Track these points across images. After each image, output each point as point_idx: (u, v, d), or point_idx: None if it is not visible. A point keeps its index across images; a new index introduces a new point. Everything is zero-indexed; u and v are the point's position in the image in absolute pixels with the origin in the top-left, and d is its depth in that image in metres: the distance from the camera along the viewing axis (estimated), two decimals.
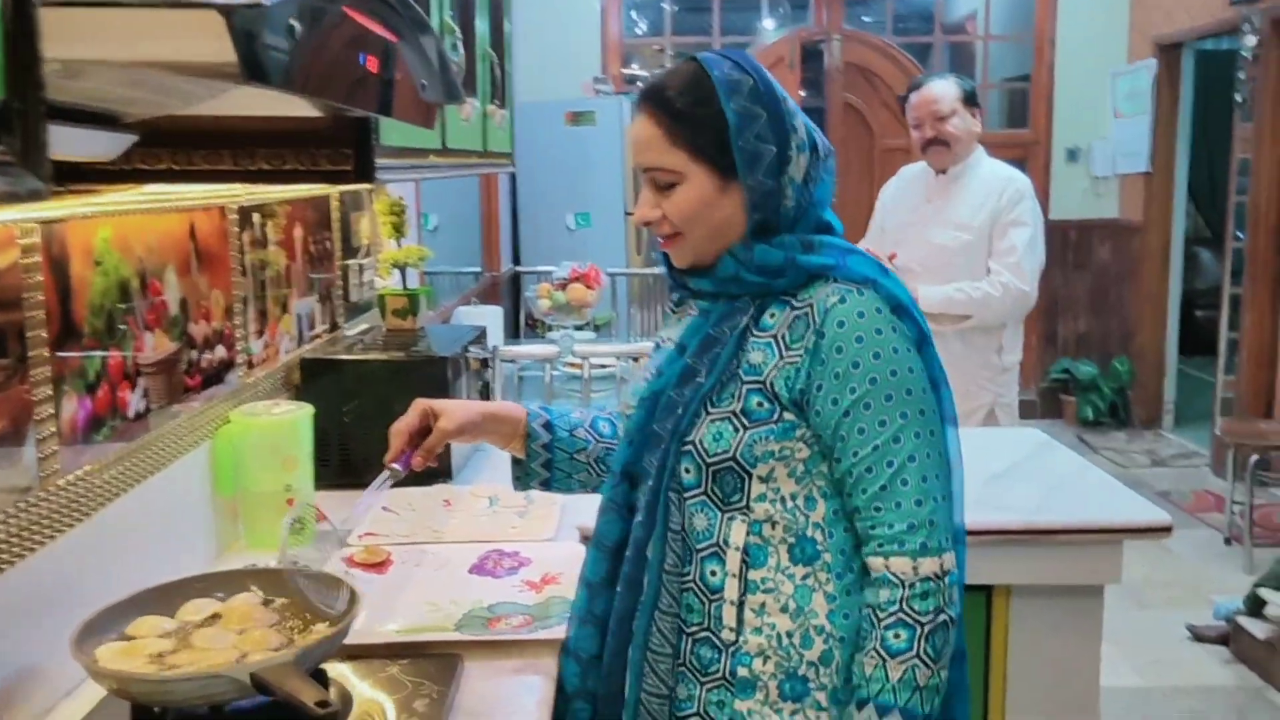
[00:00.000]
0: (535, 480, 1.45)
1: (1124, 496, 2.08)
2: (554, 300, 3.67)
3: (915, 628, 1.18)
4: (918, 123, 3.10)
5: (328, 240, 2.33)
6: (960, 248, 3.05)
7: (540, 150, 5.33)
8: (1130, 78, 6.15)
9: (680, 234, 1.26)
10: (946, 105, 3.05)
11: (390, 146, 1.43)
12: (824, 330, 1.21)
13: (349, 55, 0.86)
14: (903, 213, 3.20)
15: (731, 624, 1.24)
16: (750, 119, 1.22)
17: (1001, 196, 3.03)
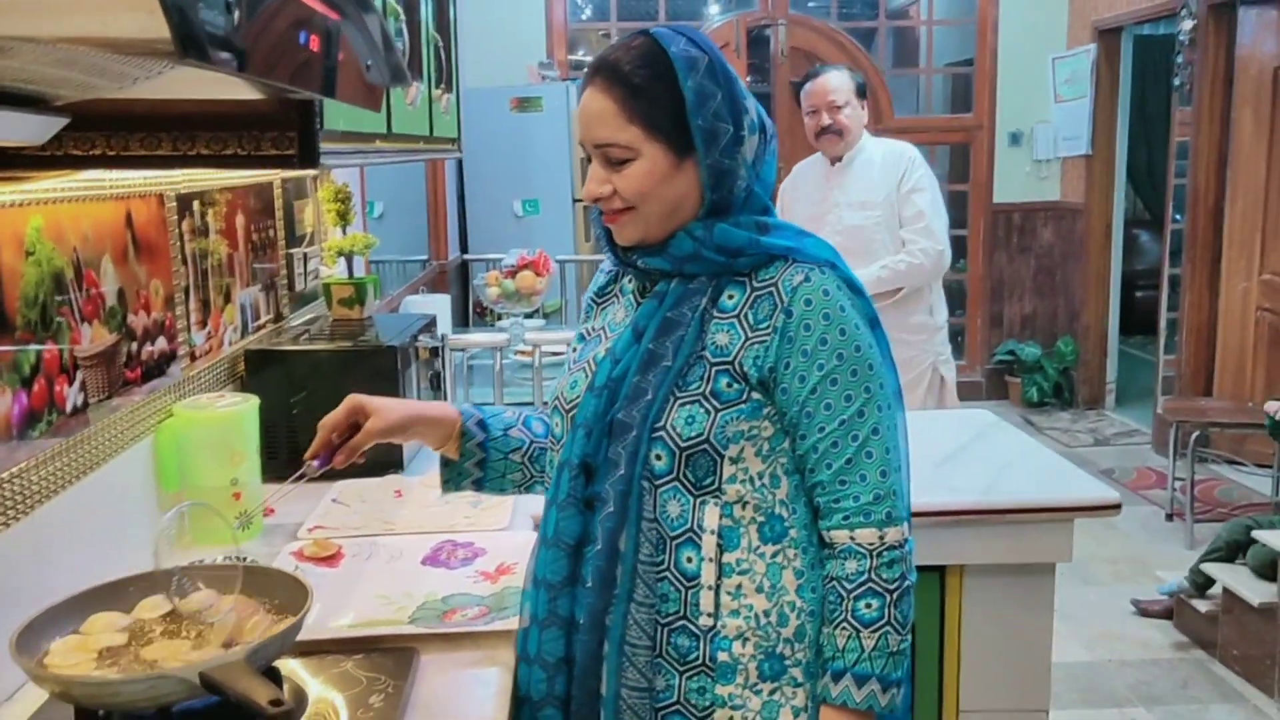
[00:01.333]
0: (467, 480, 1.43)
1: (1073, 476, 2.11)
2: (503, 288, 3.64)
3: (885, 595, 1.20)
4: (813, 109, 3.27)
5: (271, 228, 2.28)
6: (874, 225, 3.24)
7: (486, 137, 5.27)
8: (1070, 62, 6.24)
9: (631, 209, 1.24)
10: (841, 96, 3.23)
11: (335, 131, 1.39)
12: (791, 309, 1.22)
13: (290, 34, 0.83)
14: (807, 205, 3.32)
15: (709, 609, 1.22)
16: (707, 97, 1.21)
17: (896, 169, 3.25)
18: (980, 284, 6.73)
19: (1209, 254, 5.26)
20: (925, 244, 3.22)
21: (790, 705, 1.24)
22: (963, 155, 6.81)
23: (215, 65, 0.69)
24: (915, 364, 3.31)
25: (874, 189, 3.26)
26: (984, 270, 6.68)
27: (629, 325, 1.28)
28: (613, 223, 1.27)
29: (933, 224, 3.23)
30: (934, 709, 2.03)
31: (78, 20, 0.64)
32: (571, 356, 1.40)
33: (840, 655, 1.21)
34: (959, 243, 6.90)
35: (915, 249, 3.22)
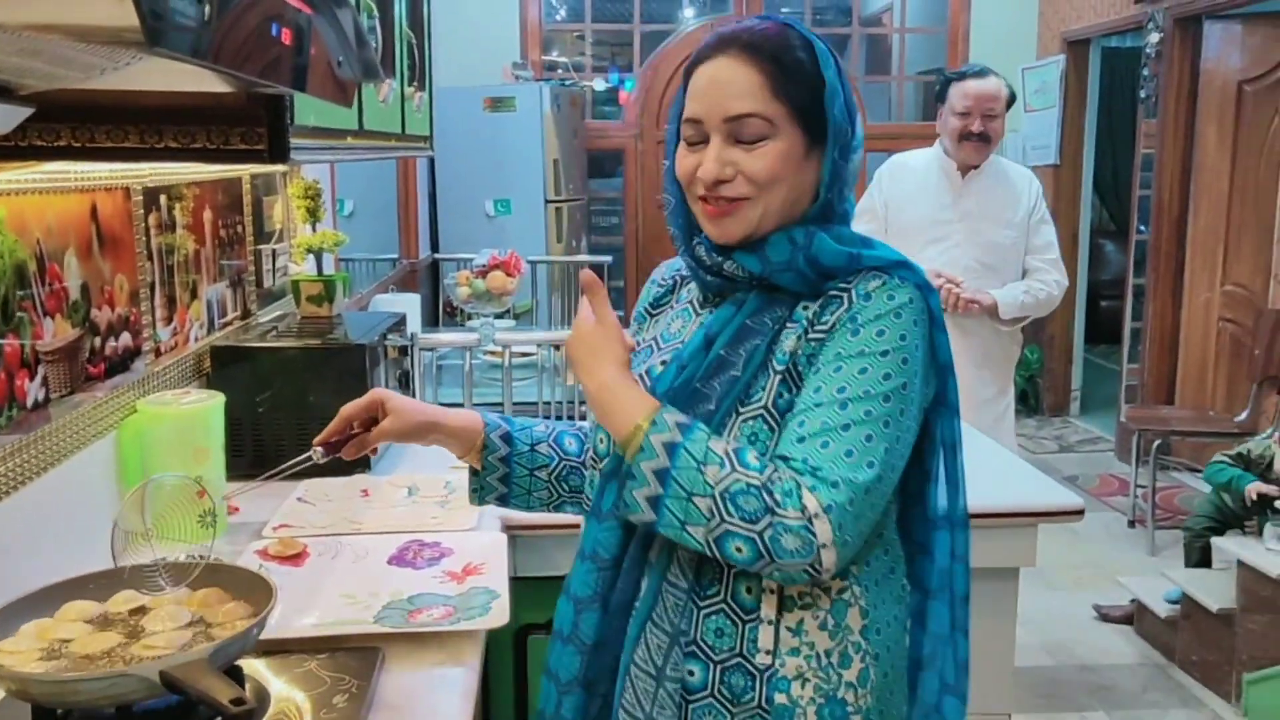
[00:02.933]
0: (491, 495, 1.35)
1: (1038, 481, 2.12)
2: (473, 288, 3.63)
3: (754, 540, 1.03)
4: (967, 112, 2.99)
5: (239, 224, 2.26)
6: (1011, 245, 3.08)
7: (459, 136, 5.25)
8: (1040, 72, 6.30)
9: (749, 199, 1.13)
10: (1000, 105, 3.01)
11: (305, 126, 1.38)
12: (854, 305, 1.11)
13: (262, 27, 0.82)
14: (928, 209, 3.09)
15: (768, 646, 1.11)
16: (837, 92, 1.15)
17: (1029, 193, 3.10)
18: None
19: (1172, 265, 5.33)
20: (1058, 276, 3.12)
21: None
22: None
23: (184, 56, 0.68)
24: (1006, 391, 3.21)
25: (1012, 208, 3.09)
26: None
27: (700, 329, 1.18)
28: (722, 214, 1.14)
29: (1060, 258, 3.14)
30: None
31: (46, 7, 0.63)
32: None
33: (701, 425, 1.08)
34: None
35: (1050, 279, 3.10)
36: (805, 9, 6.80)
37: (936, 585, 1.20)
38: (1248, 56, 4.86)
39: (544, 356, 3.04)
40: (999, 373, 3.16)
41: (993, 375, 3.12)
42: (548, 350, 3.05)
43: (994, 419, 3.07)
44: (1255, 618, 3.08)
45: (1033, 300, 3.07)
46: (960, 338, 2.90)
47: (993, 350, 3.11)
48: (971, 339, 3.02)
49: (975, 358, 3.01)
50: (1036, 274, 3.09)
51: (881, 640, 1.15)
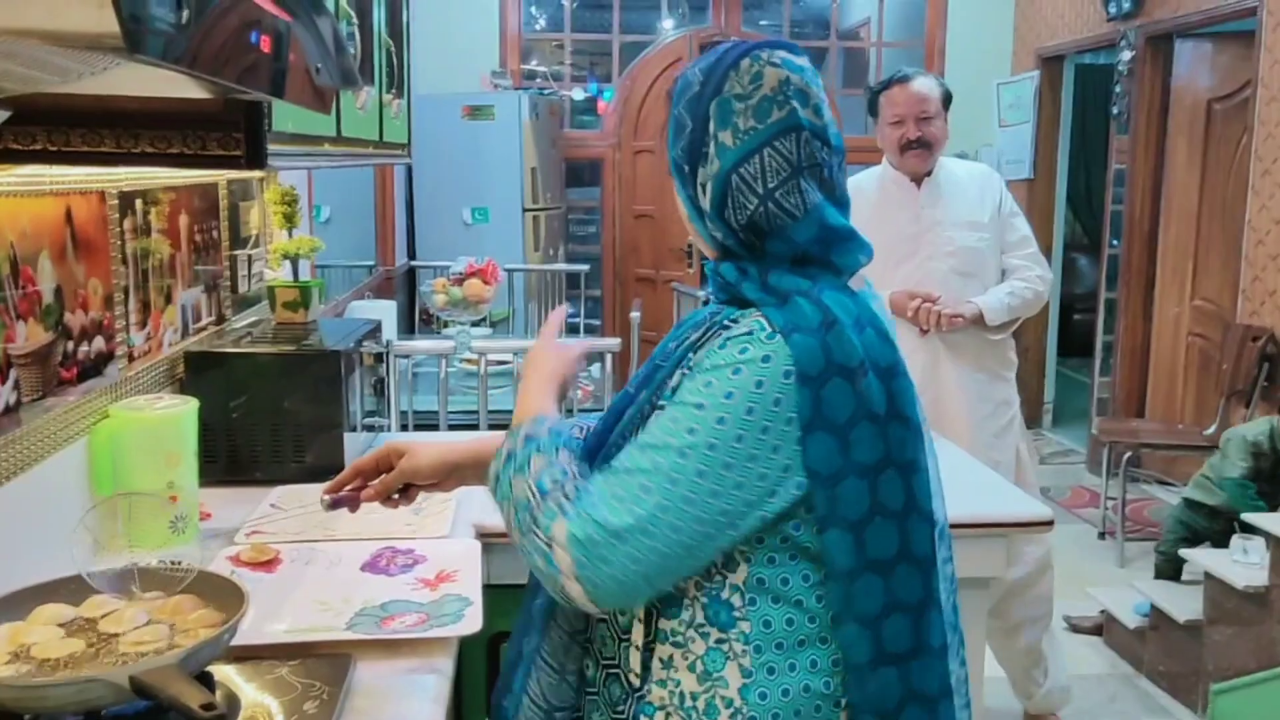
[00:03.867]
0: None
1: (1009, 493, 2.14)
2: (450, 295, 3.63)
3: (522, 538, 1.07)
4: (898, 119, 2.82)
5: (215, 229, 2.26)
6: (986, 248, 2.91)
7: (437, 144, 5.26)
8: (1014, 88, 6.37)
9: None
10: (932, 106, 2.84)
11: (283, 132, 1.39)
12: (709, 351, 1.08)
13: (241, 33, 0.83)
14: (899, 224, 2.89)
15: (636, 669, 1.13)
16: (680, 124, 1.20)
17: (992, 189, 2.95)
18: None
19: (1143, 279, 5.40)
20: (1040, 271, 2.94)
21: None
22: None
23: (163, 63, 0.69)
24: (1010, 402, 3.01)
25: (978, 208, 2.90)
26: None
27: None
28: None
29: (1038, 251, 2.99)
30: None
31: (25, 11, 0.63)
32: None
33: None
34: None
35: (1032, 276, 2.92)
36: (783, 22, 6.85)
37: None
38: (1217, 75, 4.93)
39: (520, 365, 3.05)
40: (998, 384, 2.99)
41: (992, 388, 2.95)
42: (523, 358, 3.05)
43: (998, 431, 2.94)
44: (1222, 629, 3.12)
45: (1019, 301, 2.89)
46: (951, 356, 2.88)
47: (987, 362, 2.96)
48: (962, 354, 2.91)
49: (969, 373, 2.91)
50: (1017, 272, 2.93)
51: (767, 707, 1.08)
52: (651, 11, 7.17)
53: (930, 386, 2.76)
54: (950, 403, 2.86)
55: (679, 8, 7.52)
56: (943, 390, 2.86)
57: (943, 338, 2.84)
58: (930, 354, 2.87)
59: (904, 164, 2.88)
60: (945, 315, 2.81)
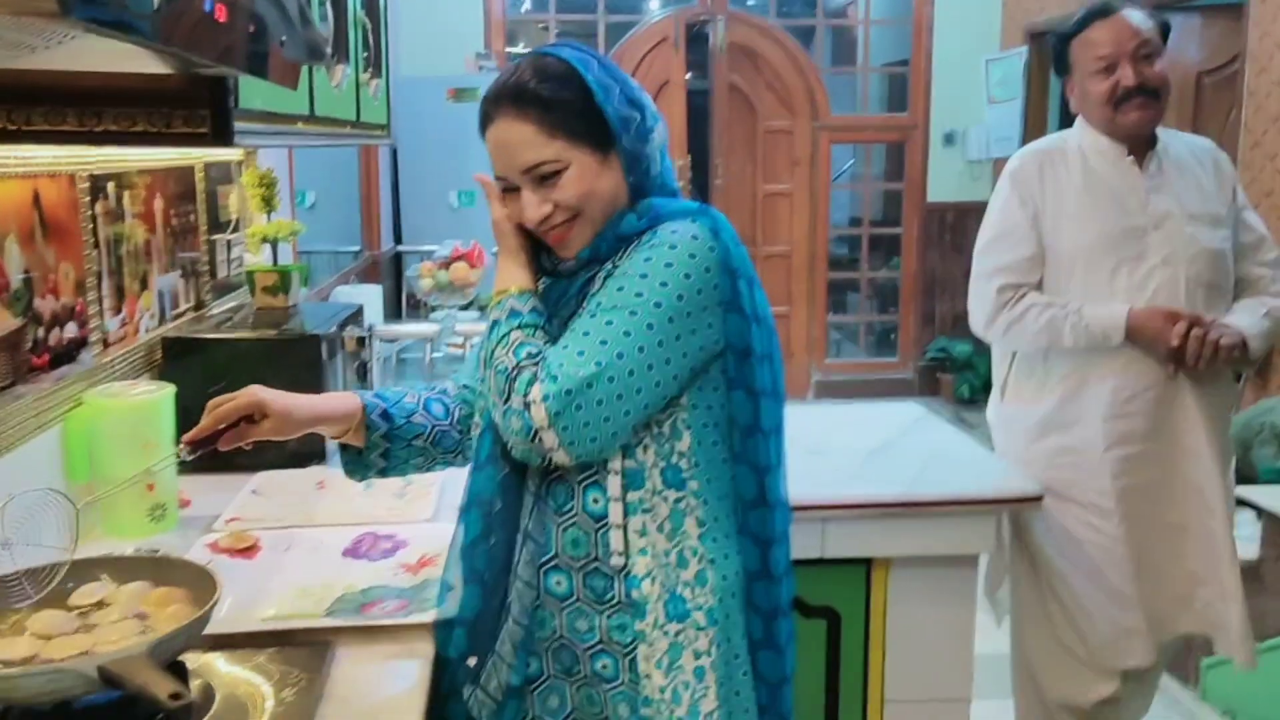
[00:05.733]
0: (373, 471, 1.44)
1: (998, 469, 2.13)
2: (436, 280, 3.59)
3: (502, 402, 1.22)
4: (1109, 63, 2.10)
5: (192, 214, 2.22)
6: (1229, 250, 2.18)
7: (422, 127, 5.21)
8: (1003, 64, 6.34)
9: (576, 216, 1.27)
10: (1154, 41, 2.14)
11: (251, 110, 1.36)
12: (644, 238, 1.27)
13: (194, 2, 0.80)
14: (1119, 213, 2.12)
15: (619, 548, 1.26)
16: (609, 88, 1.28)
17: (1223, 174, 2.23)
18: (913, 282, 6.81)
19: None
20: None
21: (693, 649, 1.28)
22: (898, 154, 6.89)
23: (103, 28, 0.66)
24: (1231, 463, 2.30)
25: (1214, 197, 2.18)
26: (917, 268, 6.77)
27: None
28: (562, 239, 1.29)
29: None
30: (859, 698, 2.05)
31: None
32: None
33: None
34: (893, 241, 7.00)
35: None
36: (770, 1, 6.81)
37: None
38: (1206, 49, 4.90)
39: None
40: (1226, 437, 2.25)
41: (1223, 442, 2.20)
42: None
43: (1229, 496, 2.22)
44: None
45: (1276, 326, 2.15)
46: (1196, 399, 2.10)
47: (1219, 411, 2.18)
48: (1210, 398, 2.13)
49: (1215, 422, 2.15)
50: (1258, 284, 2.20)
51: (719, 548, 1.30)
52: None
53: (1165, 437, 2.12)
54: (1192, 462, 2.13)
55: None
56: (1182, 441, 2.12)
57: (1190, 373, 2.08)
58: (1169, 392, 2.11)
59: (1122, 123, 2.11)
60: (1225, 345, 2.02)
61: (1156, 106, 2.11)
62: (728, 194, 6.49)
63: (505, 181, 1.29)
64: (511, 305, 1.28)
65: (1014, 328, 2.16)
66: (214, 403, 1.34)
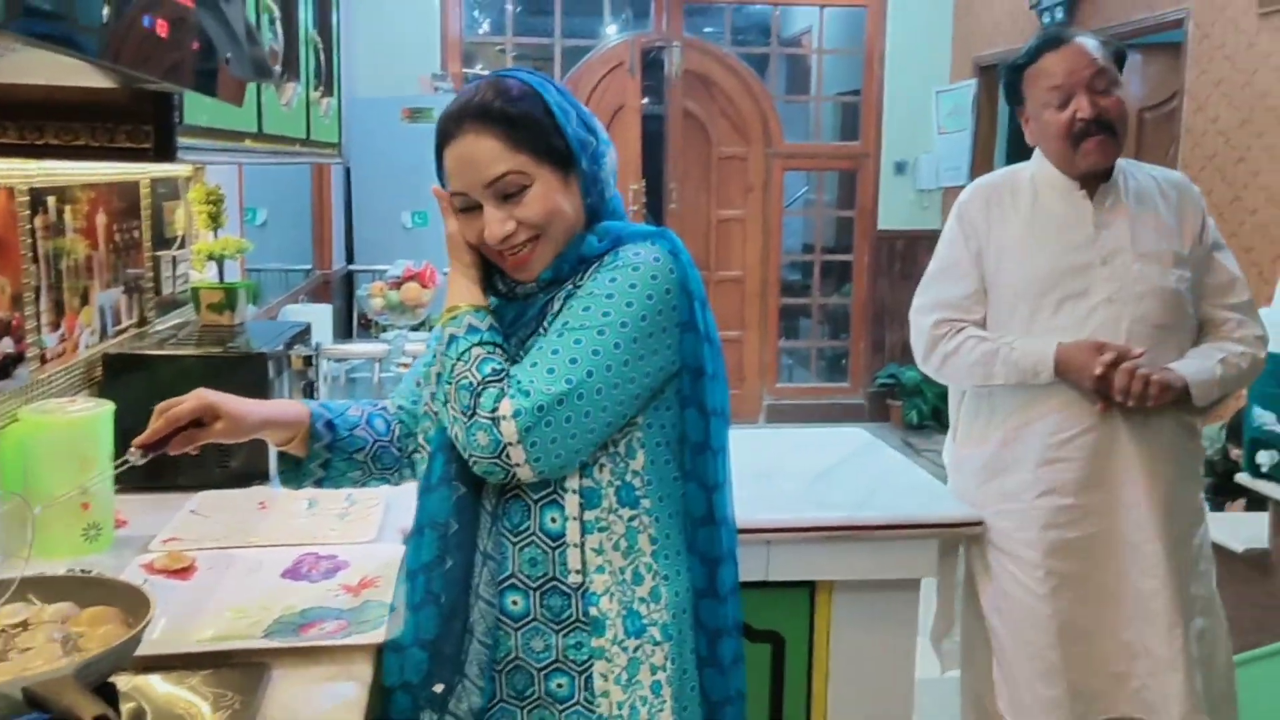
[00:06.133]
0: (309, 480, 1.45)
1: (941, 494, 2.16)
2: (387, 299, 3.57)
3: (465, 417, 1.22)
4: (1064, 95, 1.98)
5: (136, 229, 2.20)
6: (1187, 291, 2.03)
7: (377, 146, 5.19)
8: (953, 95, 6.45)
9: (539, 235, 1.28)
10: (1108, 71, 2.01)
11: (197, 126, 1.35)
12: (605, 261, 1.29)
13: (132, 16, 0.79)
14: (1065, 248, 2.02)
15: (577, 566, 1.28)
16: (567, 111, 1.30)
17: (1191, 209, 2.08)
18: (864, 309, 6.89)
19: None
20: (1258, 329, 2.07)
21: (649, 663, 1.30)
22: (850, 182, 6.98)
23: (42, 42, 0.65)
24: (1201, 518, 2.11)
25: (1175, 233, 2.03)
26: (867, 295, 6.85)
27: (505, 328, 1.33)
28: (524, 261, 1.29)
29: (1253, 300, 2.12)
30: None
31: None
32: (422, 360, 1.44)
33: None
34: (844, 268, 7.08)
35: (1248, 336, 2.04)
36: (725, 29, 6.88)
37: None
38: (1147, 85, 5.03)
39: None
40: (1189, 486, 2.08)
41: (1183, 493, 2.04)
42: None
43: (1194, 559, 2.04)
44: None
45: (1233, 372, 2.00)
46: (1136, 444, 1.98)
47: (1182, 458, 2.04)
48: (1154, 447, 1.99)
49: (1160, 471, 1.99)
50: (1224, 329, 2.05)
51: (670, 565, 1.33)
52: (594, 16, 7.17)
53: (1101, 488, 1.99)
54: (1130, 518, 1.99)
55: (622, 13, 7.52)
56: (1120, 495, 1.99)
57: (1129, 416, 1.96)
58: (1106, 438, 1.99)
59: (1079, 160, 2.00)
60: (1155, 382, 1.90)
61: (1114, 143, 2.00)
62: (682, 219, 6.53)
63: (465, 199, 1.28)
64: (470, 321, 1.28)
65: (950, 361, 2.07)
66: (163, 406, 1.34)
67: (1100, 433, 1.97)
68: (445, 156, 1.29)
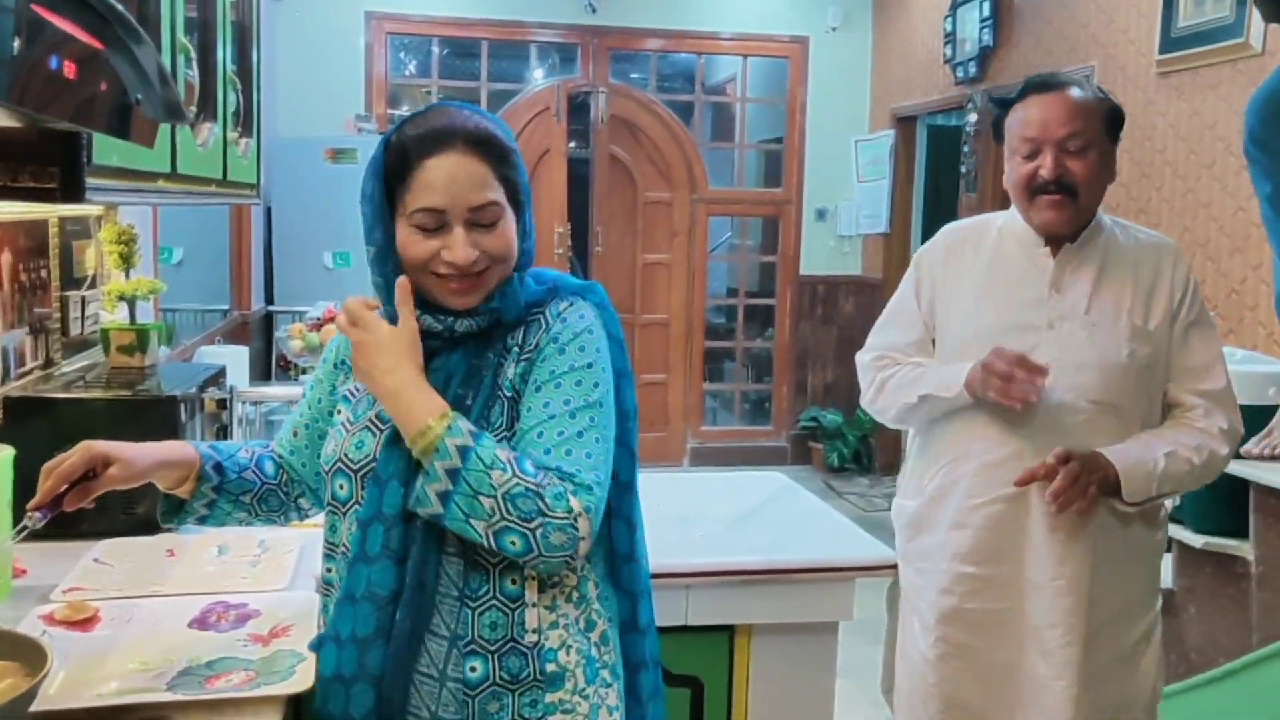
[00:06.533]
0: (191, 518, 1.45)
1: (856, 537, 2.18)
2: (306, 341, 3.53)
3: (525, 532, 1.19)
4: (1034, 148, 1.87)
5: (44, 269, 2.14)
6: (1143, 368, 1.87)
7: (298, 186, 5.15)
8: (872, 145, 6.62)
9: (489, 270, 1.29)
10: (1087, 128, 1.85)
11: (107, 166, 1.33)
12: (551, 327, 1.31)
13: (39, 57, 0.78)
14: (1013, 303, 1.91)
15: (535, 625, 1.28)
16: (519, 154, 1.34)
17: (1169, 278, 1.90)
18: (786, 352, 6.98)
19: None
20: (1224, 421, 1.87)
21: (606, 705, 1.33)
22: (772, 228, 7.10)
23: None
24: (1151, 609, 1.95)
25: (1144, 304, 1.88)
26: (790, 339, 6.94)
27: (436, 372, 1.30)
28: (469, 289, 1.28)
29: (1229, 388, 1.91)
30: None
31: None
32: (341, 418, 1.37)
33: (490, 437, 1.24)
34: (767, 311, 7.17)
35: (1211, 427, 1.85)
36: (651, 76, 6.98)
37: None
38: None
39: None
40: (1131, 581, 1.92)
41: (1121, 585, 1.89)
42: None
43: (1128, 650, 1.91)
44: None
45: (1179, 469, 1.81)
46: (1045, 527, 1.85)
47: (1114, 546, 1.87)
48: (1070, 530, 1.84)
49: (1082, 561, 1.85)
50: (1185, 416, 1.88)
51: (609, 606, 1.36)
52: (520, 61, 7.22)
53: (1007, 563, 1.89)
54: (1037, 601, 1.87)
55: (549, 58, 7.59)
56: (1026, 574, 1.88)
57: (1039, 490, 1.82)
58: (1015, 511, 1.88)
59: (1033, 216, 1.91)
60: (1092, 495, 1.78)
61: (1072, 207, 1.86)
62: (607, 262, 6.57)
63: (436, 217, 1.25)
64: (465, 428, 1.22)
65: (885, 388, 2.02)
66: (49, 465, 1.31)
67: (1010, 505, 1.87)
68: (423, 168, 1.25)
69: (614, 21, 6.48)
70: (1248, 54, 3.61)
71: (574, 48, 6.65)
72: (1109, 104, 1.91)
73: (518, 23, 6.41)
